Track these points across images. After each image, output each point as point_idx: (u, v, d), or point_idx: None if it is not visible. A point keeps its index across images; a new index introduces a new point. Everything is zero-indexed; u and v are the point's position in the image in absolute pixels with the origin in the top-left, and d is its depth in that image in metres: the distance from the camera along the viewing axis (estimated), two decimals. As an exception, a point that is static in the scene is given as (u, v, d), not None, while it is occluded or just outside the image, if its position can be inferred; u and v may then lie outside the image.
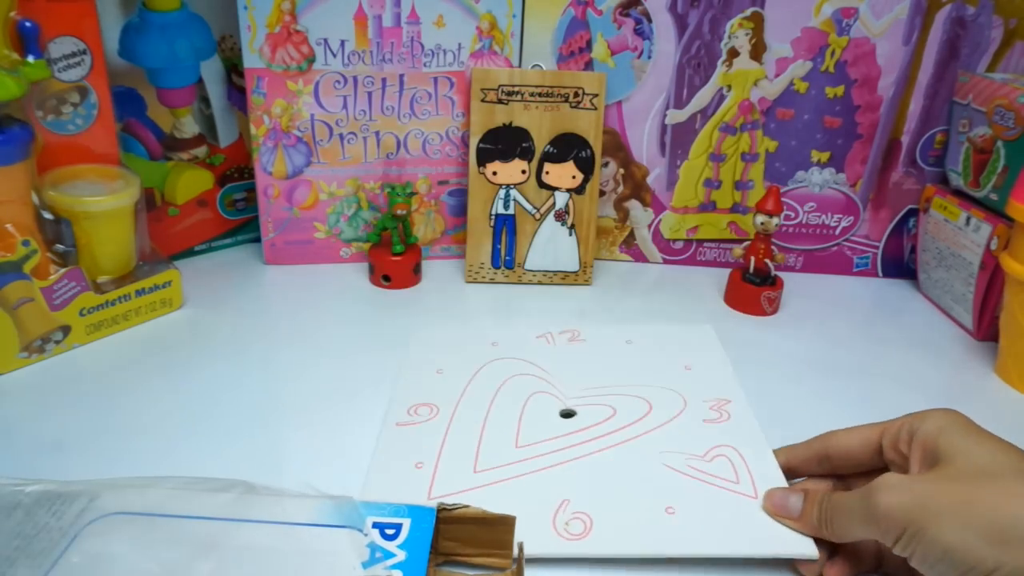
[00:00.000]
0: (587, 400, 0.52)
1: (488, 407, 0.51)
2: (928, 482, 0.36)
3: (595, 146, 0.68)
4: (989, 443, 0.37)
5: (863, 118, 0.70)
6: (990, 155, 0.63)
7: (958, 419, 0.39)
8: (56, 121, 0.57)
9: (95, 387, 0.53)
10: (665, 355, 0.57)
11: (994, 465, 0.35)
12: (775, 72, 0.68)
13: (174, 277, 0.62)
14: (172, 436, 0.49)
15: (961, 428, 0.38)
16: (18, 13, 0.52)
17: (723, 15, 0.66)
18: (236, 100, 0.70)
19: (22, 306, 0.53)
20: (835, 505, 0.39)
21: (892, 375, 0.60)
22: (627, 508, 0.43)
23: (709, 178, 0.72)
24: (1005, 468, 0.35)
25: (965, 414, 0.40)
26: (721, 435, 0.49)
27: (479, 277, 0.71)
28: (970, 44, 0.67)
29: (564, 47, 0.68)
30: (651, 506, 0.43)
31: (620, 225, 0.75)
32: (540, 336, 0.60)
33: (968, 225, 0.65)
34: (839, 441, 0.44)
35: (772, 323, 0.67)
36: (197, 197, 0.71)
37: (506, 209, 0.69)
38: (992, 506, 0.33)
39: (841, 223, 0.74)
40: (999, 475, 0.35)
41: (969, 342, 0.66)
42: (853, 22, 0.66)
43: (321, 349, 0.59)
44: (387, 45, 0.66)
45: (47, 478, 0.40)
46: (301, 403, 0.53)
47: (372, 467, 0.46)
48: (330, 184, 0.70)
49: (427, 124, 0.69)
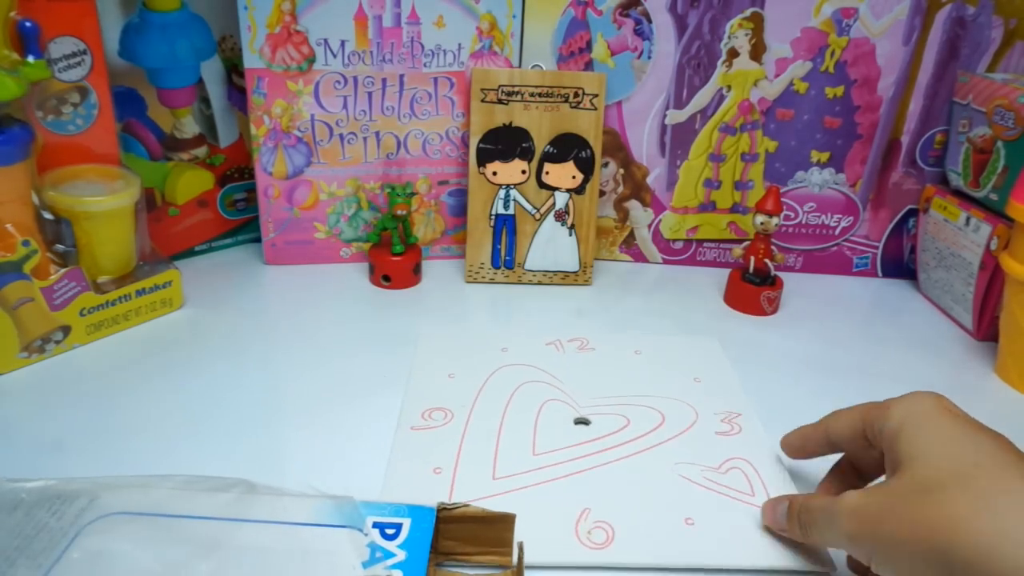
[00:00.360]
0: (600, 409, 0.52)
1: (503, 413, 0.51)
2: (879, 502, 0.34)
3: (595, 146, 0.68)
4: (946, 438, 0.35)
5: (863, 118, 0.70)
6: (990, 155, 0.63)
7: (919, 410, 0.36)
8: (56, 121, 0.57)
9: (95, 387, 0.53)
10: (674, 367, 0.58)
11: (943, 471, 0.33)
12: (775, 72, 0.68)
13: (174, 277, 0.62)
14: (172, 436, 0.49)
15: (920, 423, 0.36)
16: (18, 13, 0.52)
17: (723, 15, 0.66)
18: (236, 100, 0.70)
19: (22, 306, 0.53)
20: (810, 513, 0.38)
21: (892, 375, 0.60)
22: (647, 518, 0.43)
23: (709, 178, 0.72)
24: (953, 474, 0.33)
25: (935, 396, 0.37)
26: (734, 448, 0.49)
27: (479, 277, 0.71)
28: (970, 44, 0.67)
29: (564, 47, 0.68)
30: (670, 517, 0.43)
31: (620, 225, 0.75)
32: (549, 343, 0.60)
33: (968, 225, 0.65)
34: (833, 427, 0.42)
35: (772, 323, 0.67)
36: (197, 197, 0.71)
37: (506, 209, 0.69)
38: (933, 529, 0.31)
39: (841, 223, 0.74)
40: (946, 485, 0.32)
41: (969, 342, 0.66)
42: (853, 22, 0.66)
43: (321, 349, 0.59)
44: (387, 45, 0.66)
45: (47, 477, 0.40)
46: (301, 403, 0.53)
47: (389, 471, 0.46)
48: (330, 184, 0.70)
49: (427, 124, 0.69)
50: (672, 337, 0.62)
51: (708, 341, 0.62)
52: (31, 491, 0.38)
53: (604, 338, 0.61)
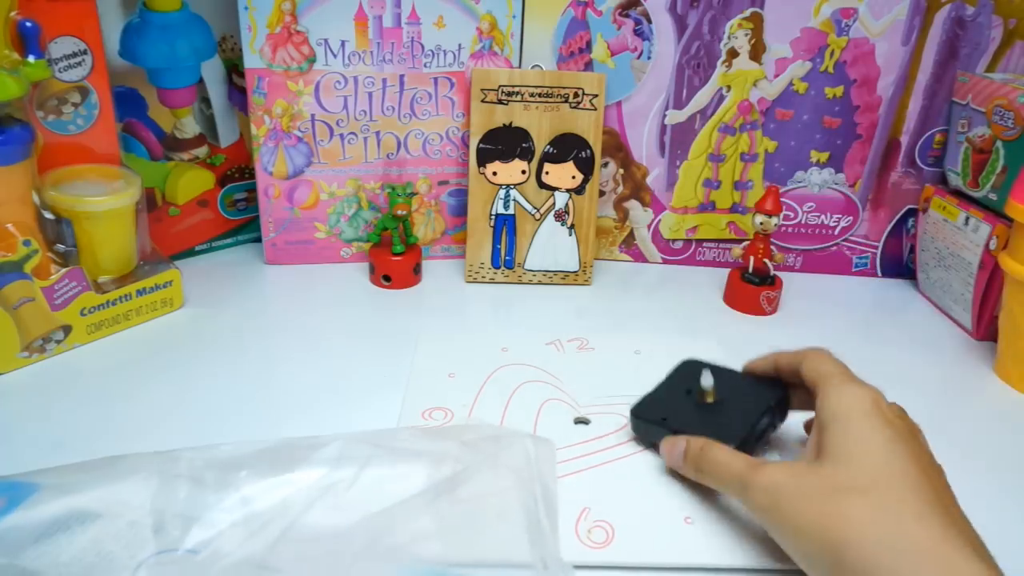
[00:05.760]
0: (599, 409, 0.52)
1: (503, 413, 0.51)
2: (795, 486, 0.37)
3: (595, 146, 0.68)
4: (866, 444, 0.37)
5: (862, 118, 0.70)
6: (989, 155, 0.64)
7: (852, 408, 0.39)
8: (57, 121, 0.57)
9: (95, 387, 0.53)
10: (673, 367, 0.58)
11: (854, 476, 0.36)
12: (774, 72, 0.68)
13: (175, 277, 0.62)
14: (172, 436, 0.49)
15: (848, 422, 0.38)
16: (19, 13, 0.52)
17: (722, 15, 0.66)
18: (237, 100, 0.70)
19: (23, 306, 0.53)
20: (708, 460, 0.42)
21: (891, 375, 0.59)
22: (646, 517, 0.43)
23: (708, 178, 0.72)
24: (862, 481, 0.36)
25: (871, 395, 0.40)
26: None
27: (479, 277, 0.71)
28: (969, 44, 0.67)
29: (564, 47, 0.68)
30: (670, 516, 0.43)
31: (620, 225, 0.75)
32: (549, 343, 0.60)
33: (967, 225, 0.65)
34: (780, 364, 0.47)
35: (771, 323, 0.67)
36: (198, 197, 0.71)
37: (506, 209, 0.69)
38: (833, 526, 0.35)
39: (840, 223, 0.74)
40: (853, 489, 0.35)
41: (968, 342, 0.66)
42: (852, 22, 0.66)
43: (321, 349, 0.59)
44: (387, 45, 0.66)
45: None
46: (302, 403, 0.53)
47: None
48: (331, 184, 0.70)
49: (427, 124, 0.69)
50: (672, 338, 0.62)
51: (707, 342, 0.62)
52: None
53: (604, 338, 0.61)
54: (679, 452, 0.44)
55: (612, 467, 0.47)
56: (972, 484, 0.39)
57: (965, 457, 0.48)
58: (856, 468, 0.36)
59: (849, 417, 0.38)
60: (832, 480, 0.36)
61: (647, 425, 0.48)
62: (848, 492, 0.35)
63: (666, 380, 0.51)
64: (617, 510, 0.43)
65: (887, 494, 0.35)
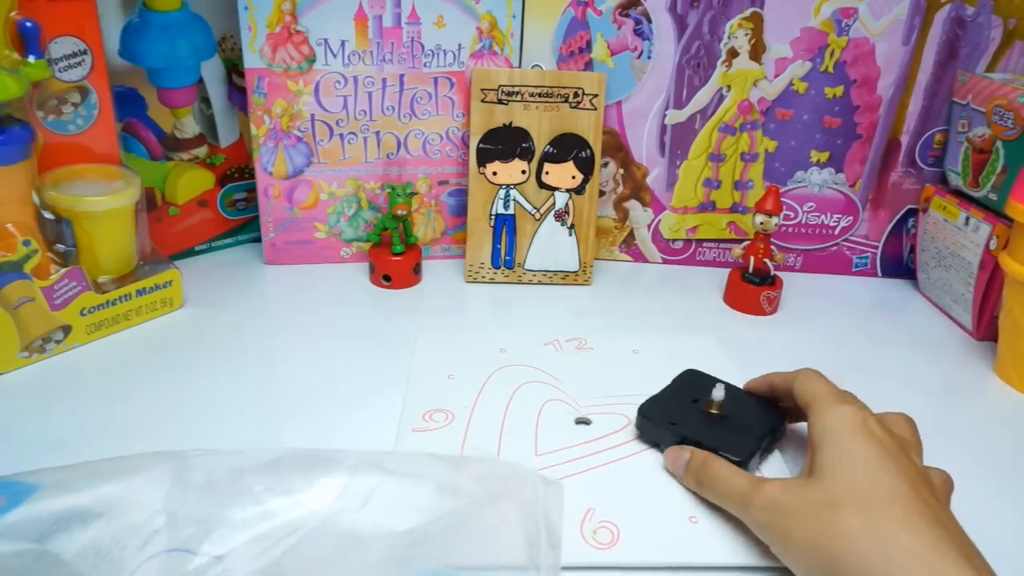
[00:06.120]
0: (600, 409, 0.52)
1: (504, 414, 0.51)
2: (793, 503, 0.38)
3: (595, 146, 0.68)
4: (856, 459, 0.38)
5: (862, 118, 0.70)
6: (989, 155, 0.64)
7: (840, 426, 0.40)
8: (57, 121, 0.57)
9: (95, 387, 0.53)
10: (672, 366, 0.57)
11: (847, 491, 0.37)
12: (774, 72, 0.68)
13: (175, 277, 0.62)
14: (172, 436, 0.49)
15: (837, 440, 0.40)
16: (19, 13, 0.52)
17: (722, 15, 0.66)
18: (237, 100, 0.70)
19: (23, 306, 0.53)
20: (710, 475, 0.43)
21: (891, 375, 0.60)
22: (651, 517, 0.43)
23: (709, 178, 0.72)
24: (854, 495, 0.37)
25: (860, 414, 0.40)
26: None
27: (479, 277, 0.71)
28: (969, 44, 0.67)
29: (564, 47, 0.68)
30: (674, 516, 0.43)
31: (620, 225, 0.75)
32: (548, 343, 0.60)
33: (967, 225, 0.65)
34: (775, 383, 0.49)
35: (772, 323, 0.67)
36: (198, 197, 0.71)
37: (506, 209, 0.69)
38: (830, 538, 0.36)
39: (840, 223, 0.74)
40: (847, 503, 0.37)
41: (968, 342, 0.66)
42: (852, 22, 0.66)
43: (321, 349, 0.59)
44: (387, 45, 0.66)
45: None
46: (302, 403, 0.53)
47: None
48: (330, 184, 0.70)
49: (427, 124, 0.69)
50: (670, 336, 0.62)
51: (706, 341, 0.62)
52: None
53: (602, 338, 0.61)
54: (682, 462, 0.45)
55: (615, 467, 0.47)
56: (972, 484, 0.40)
57: (965, 457, 0.48)
58: (846, 484, 0.38)
59: (838, 436, 0.40)
60: (824, 496, 0.38)
61: (655, 427, 0.48)
62: (840, 507, 0.37)
63: (672, 384, 0.52)
64: (622, 510, 0.43)
65: (876, 508, 0.36)
